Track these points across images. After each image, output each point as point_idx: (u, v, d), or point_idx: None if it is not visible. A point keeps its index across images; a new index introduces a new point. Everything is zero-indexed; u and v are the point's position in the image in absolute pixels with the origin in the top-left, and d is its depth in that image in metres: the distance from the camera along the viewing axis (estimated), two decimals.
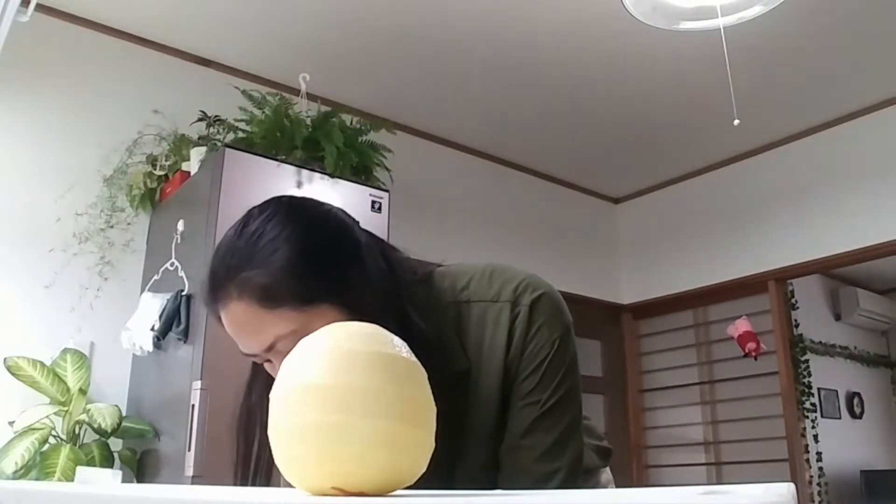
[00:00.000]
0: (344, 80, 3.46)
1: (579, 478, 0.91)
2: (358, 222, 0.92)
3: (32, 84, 2.83)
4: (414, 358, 0.57)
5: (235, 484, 0.92)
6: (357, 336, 0.55)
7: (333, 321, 0.72)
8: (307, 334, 0.67)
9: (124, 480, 2.26)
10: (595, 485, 1.07)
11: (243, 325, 0.83)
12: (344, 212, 0.92)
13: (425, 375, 0.56)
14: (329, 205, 0.92)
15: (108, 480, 2.05)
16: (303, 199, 0.91)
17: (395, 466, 0.51)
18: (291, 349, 0.68)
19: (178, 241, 2.56)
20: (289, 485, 0.54)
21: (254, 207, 0.88)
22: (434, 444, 0.55)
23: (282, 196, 0.91)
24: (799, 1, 2.82)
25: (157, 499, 0.51)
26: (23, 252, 2.65)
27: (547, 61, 3.37)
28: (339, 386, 0.51)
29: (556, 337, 0.90)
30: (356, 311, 0.80)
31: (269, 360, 0.86)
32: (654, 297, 4.65)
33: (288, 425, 0.52)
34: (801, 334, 4.40)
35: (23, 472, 2.17)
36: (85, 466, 2.20)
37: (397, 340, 0.57)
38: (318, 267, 0.83)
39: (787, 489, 0.37)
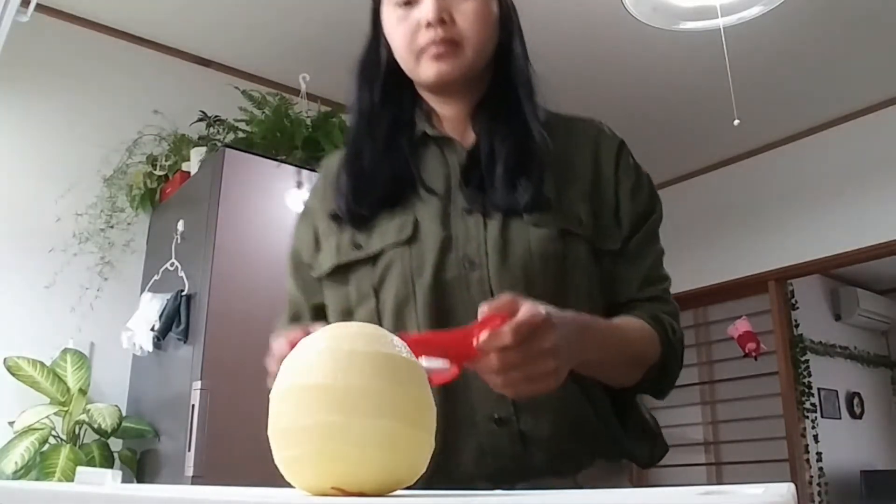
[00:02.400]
0: (344, 80, 3.45)
1: None
2: None
3: (32, 84, 2.83)
4: (414, 358, 0.57)
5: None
6: (357, 336, 0.55)
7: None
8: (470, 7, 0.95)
9: (124, 480, 2.24)
10: None
11: None
12: None
13: (425, 375, 0.57)
14: None
15: (108, 481, 2.05)
16: None
17: (395, 466, 0.51)
18: (445, 16, 0.95)
19: (178, 241, 2.56)
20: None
21: None
22: (434, 445, 0.55)
23: None
24: (799, 1, 2.82)
25: (157, 499, 0.51)
26: (23, 252, 2.65)
27: (546, 61, 3.36)
28: (339, 386, 0.51)
29: (639, 166, 1.11)
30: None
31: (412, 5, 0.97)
32: None
33: (288, 425, 0.52)
34: (801, 334, 4.40)
35: (23, 472, 2.17)
36: (85, 467, 2.19)
37: (397, 340, 0.57)
38: None
39: (787, 489, 0.38)
